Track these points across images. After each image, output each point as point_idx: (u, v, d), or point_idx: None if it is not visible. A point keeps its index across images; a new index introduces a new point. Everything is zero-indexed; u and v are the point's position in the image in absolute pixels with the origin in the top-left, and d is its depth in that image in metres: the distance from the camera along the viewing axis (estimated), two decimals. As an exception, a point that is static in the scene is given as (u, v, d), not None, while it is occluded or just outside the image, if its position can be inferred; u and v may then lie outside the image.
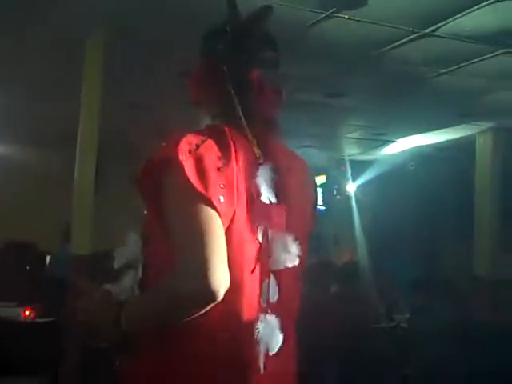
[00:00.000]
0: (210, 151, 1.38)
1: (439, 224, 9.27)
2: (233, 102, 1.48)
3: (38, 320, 4.51)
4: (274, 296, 1.48)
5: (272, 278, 1.49)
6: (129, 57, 4.72)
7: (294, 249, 1.48)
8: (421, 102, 5.95)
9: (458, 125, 6.91)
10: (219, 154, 1.39)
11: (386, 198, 8.71)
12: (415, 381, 4.88)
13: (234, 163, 1.39)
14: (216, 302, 1.32)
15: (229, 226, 1.38)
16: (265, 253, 1.46)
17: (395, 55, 4.82)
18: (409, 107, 6.19)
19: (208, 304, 1.32)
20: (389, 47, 4.65)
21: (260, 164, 1.45)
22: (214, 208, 1.34)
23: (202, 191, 1.33)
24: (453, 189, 8.61)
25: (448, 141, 7.71)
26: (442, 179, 8.81)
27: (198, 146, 1.37)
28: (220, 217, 1.34)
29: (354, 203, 9.48)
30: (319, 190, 9.97)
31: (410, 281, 7.27)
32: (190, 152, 1.36)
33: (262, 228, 1.45)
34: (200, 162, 1.35)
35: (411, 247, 8.41)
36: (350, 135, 7.88)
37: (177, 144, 1.35)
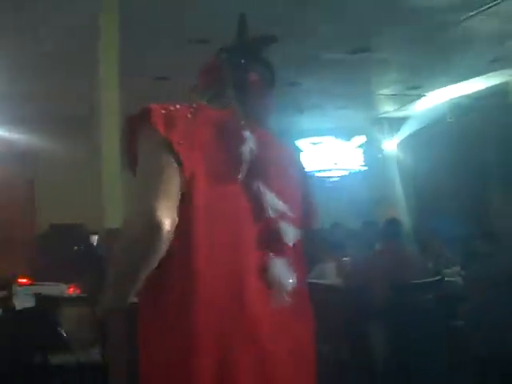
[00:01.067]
0: (181, 113, 1.53)
1: (482, 176, 9.09)
2: (228, 91, 1.70)
3: (83, 296, 4.64)
4: (275, 242, 1.59)
5: (273, 226, 1.59)
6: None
7: (281, 206, 1.61)
8: (451, 50, 5.79)
9: (491, 72, 6.73)
10: (189, 117, 1.52)
11: (426, 153, 8.55)
12: (464, 332, 4.85)
13: (204, 130, 1.53)
14: (162, 236, 1.37)
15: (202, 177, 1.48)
16: (258, 203, 1.57)
17: (421, 2, 4.70)
18: (440, 57, 6.03)
19: (154, 238, 1.38)
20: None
21: (244, 140, 1.58)
22: (176, 154, 1.44)
23: (165, 136, 1.45)
24: (494, 139, 8.40)
25: (485, 89, 7.50)
26: (482, 130, 8.61)
27: (172, 109, 1.52)
28: (183, 164, 1.44)
29: (394, 161, 9.35)
30: (359, 151, 9.88)
31: (457, 234, 7.22)
32: (162, 108, 1.51)
33: (253, 183, 1.58)
34: (169, 117, 1.49)
35: (455, 202, 8.26)
36: (384, 91, 7.74)
37: (153, 104, 1.51)
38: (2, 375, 3.98)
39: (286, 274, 1.57)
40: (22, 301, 4.48)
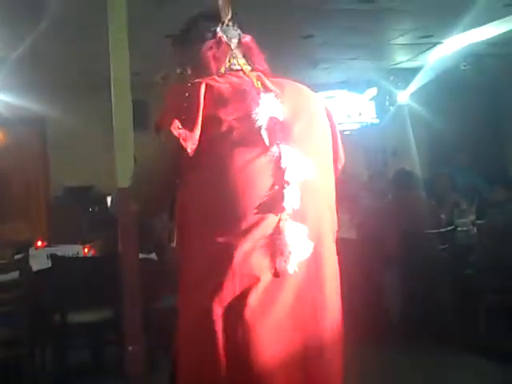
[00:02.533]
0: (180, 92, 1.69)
1: (498, 123, 8.97)
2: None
3: (98, 256, 4.69)
4: (295, 205, 1.62)
5: (290, 186, 1.61)
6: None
7: (306, 163, 1.64)
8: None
9: (505, 16, 6.55)
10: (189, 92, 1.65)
11: (440, 102, 8.42)
12: (475, 279, 4.86)
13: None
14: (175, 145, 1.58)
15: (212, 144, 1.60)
16: (277, 164, 1.62)
17: None
18: (452, 3, 5.87)
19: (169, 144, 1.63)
20: None
21: (260, 93, 1.68)
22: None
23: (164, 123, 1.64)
24: (510, 85, 8.26)
25: (500, 34, 7.33)
26: (497, 76, 8.46)
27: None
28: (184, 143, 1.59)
29: (407, 112, 9.23)
30: (371, 104, 9.77)
31: (473, 184, 7.18)
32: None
33: (271, 141, 1.63)
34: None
35: (470, 151, 8.17)
36: (395, 41, 7.57)
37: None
38: (22, 336, 4.06)
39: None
40: (39, 262, 4.54)
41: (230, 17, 1.81)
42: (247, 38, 1.83)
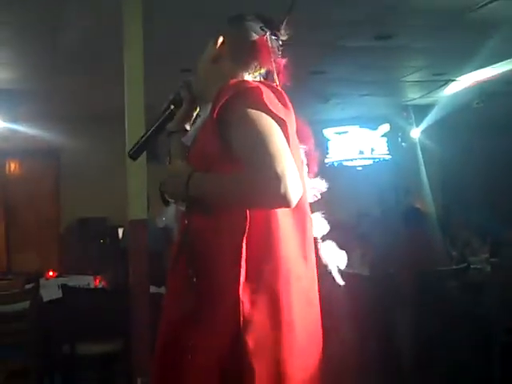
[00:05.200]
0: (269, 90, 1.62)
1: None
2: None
3: (109, 288, 4.68)
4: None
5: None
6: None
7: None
8: (477, 35, 5.68)
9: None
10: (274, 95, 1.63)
11: (452, 140, 8.44)
12: (488, 321, 4.79)
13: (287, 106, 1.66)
14: (289, 203, 1.48)
15: None
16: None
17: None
18: (465, 42, 5.92)
19: (280, 206, 1.53)
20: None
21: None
22: (283, 125, 1.56)
23: (275, 111, 1.55)
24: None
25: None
26: (510, 115, 8.45)
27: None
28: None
29: (419, 149, 9.24)
30: (384, 140, 9.80)
31: (486, 223, 7.13)
32: (260, 83, 1.64)
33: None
34: (266, 92, 1.59)
35: (483, 190, 8.15)
36: (408, 78, 7.63)
37: (246, 81, 1.67)
38: (31, 366, 4.03)
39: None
40: (49, 292, 4.53)
41: (282, 32, 1.79)
42: (283, 60, 1.78)
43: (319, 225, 1.80)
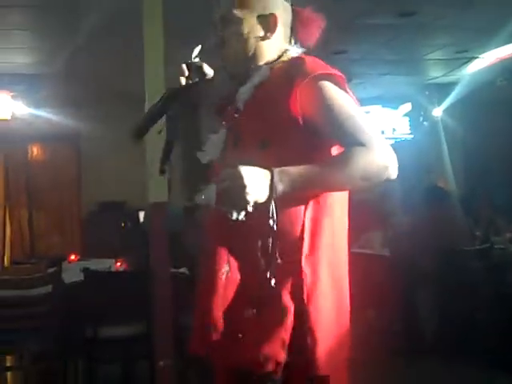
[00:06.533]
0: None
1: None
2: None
3: (130, 270, 4.70)
4: None
5: None
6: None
7: None
8: (500, 11, 5.55)
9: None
10: None
11: (475, 118, 8.30)
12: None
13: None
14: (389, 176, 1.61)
15: None
16: None
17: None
18: (486, 18, 5.79)
19: (389, 177, 1.62)
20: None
21: None
22: None
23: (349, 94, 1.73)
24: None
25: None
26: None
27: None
28: None
29: (441, 128, 9.11)
30: (405, 119, 9.68)
31: (510, 201, 7.03)
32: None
33: None
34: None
35: (506, 168, 8.02)
36: (430, 56, 7.51)
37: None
38: (54, 349, 4.07)
39: None
40: (71, 276, 4.55)
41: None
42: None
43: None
